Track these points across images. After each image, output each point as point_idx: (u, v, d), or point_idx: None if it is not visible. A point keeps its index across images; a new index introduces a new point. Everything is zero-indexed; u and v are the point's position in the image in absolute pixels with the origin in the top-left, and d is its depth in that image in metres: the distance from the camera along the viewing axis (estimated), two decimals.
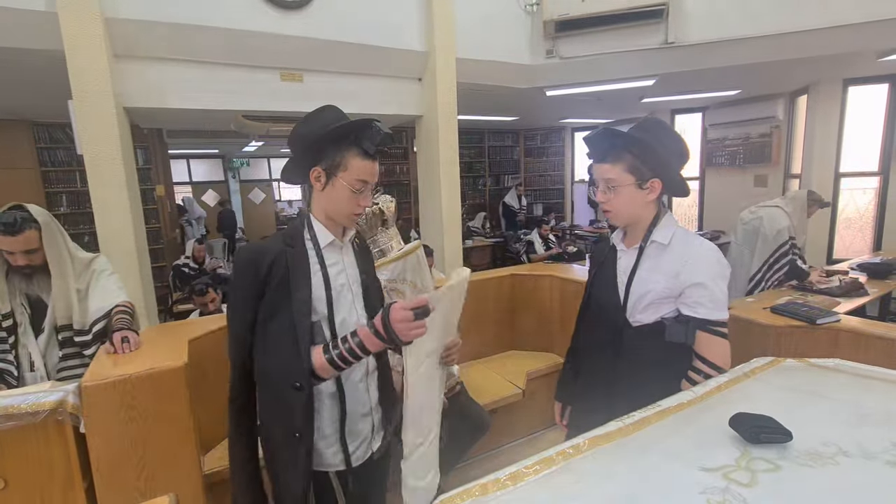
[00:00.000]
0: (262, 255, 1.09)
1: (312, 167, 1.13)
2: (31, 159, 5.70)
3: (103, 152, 2.74)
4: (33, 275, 1.65)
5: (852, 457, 0.80)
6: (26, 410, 1.21)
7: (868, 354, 1.81)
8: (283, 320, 1.08)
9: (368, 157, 1.11)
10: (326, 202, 1.15)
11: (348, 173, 1.11)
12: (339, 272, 1.17)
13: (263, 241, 1.21)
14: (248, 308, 1.09)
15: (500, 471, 0.77)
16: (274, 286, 1.08)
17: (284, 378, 1.07)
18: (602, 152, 1.26)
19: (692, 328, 1.23)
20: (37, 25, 2.63)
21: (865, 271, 3.56)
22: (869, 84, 5.14)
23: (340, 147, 1.10)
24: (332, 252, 1.18)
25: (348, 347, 1.06)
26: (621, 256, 1.33)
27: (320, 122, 1.12)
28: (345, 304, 1.17)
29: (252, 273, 1.08)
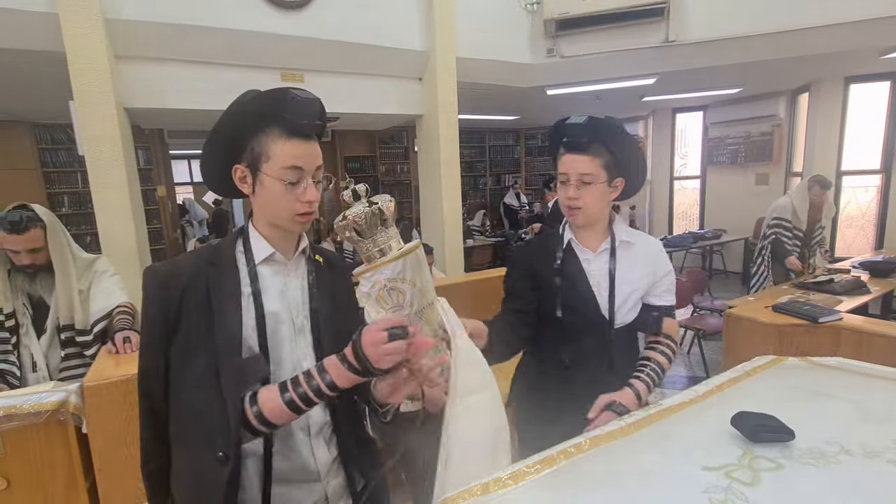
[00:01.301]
0: (171, 278, 0.84)
1: (231, 167, 0.89)
2: (33, 160, 5.71)
3: (104, 153, 2.74)
4: (37, 275, 1.65)
5: (855, 455, 0.80)
6: (28, 411, 1.22)
7: (870, 352, 1.81)
8: (202, 364, 0.81)
9: (295, 135, 0.85)
10: (260, 207, 0.90)
11: (273, 163, 0.85)
12: (274, 297, 0.90)
13: (179, 256, 0.95)
14: (156, 347, 0.83)
15: (501, 470, 0.77)
16: (190, 319, 0.83)
17: (204, 444, 0.80)
18: (584, 143, 1.16)
19: (660, 317, 1.26)
20: (38, 26, 2.63)
21: (867, 269, 3.56)
22: (870, 82, 5.13)
23: (258, 132, 0.85)
24: (271, 271, 0.92)
25: (315, 385, 0.80)
26: (588, 261, 1.25)
27: (234, 108, 0.88)
28: (283, 342, 0.90)
29: (160, 301, 0.83)
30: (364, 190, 1.54)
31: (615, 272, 1.22)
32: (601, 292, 1.23)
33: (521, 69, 4.37)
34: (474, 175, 9.22)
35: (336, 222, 1.51)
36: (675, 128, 7.52)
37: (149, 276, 0.86)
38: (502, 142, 9.34)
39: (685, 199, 7.70)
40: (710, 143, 6.94)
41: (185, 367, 0.83)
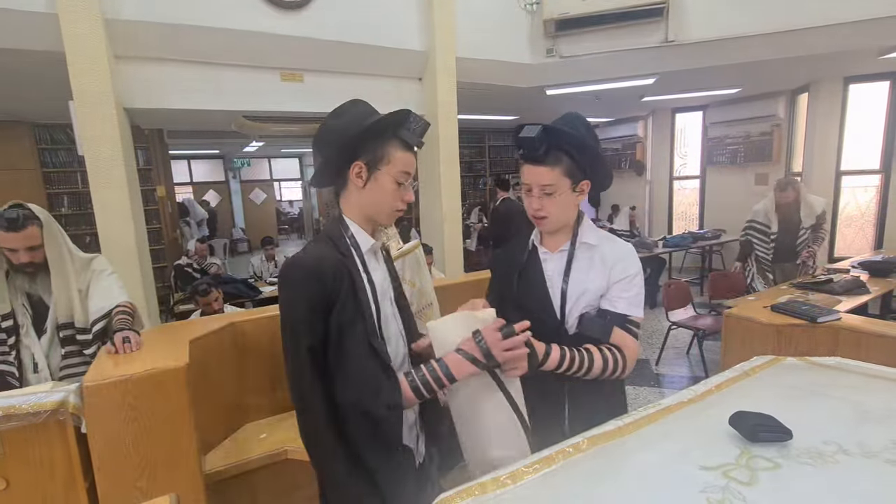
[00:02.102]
0: (321, 266, 0.98)
1: (352, 163, 1.04)
2: (33, 160, 5.72)
3: (104, 153, 2.74)
4: (36, 274, 1.65)
5: (852, 455, 0.80)
6: (27, 411, 1.22)
7: (869, 352, 1.81)
8: (357, 338, 0.99)
9: (409, 148, 1.06)
10: (368, 199, 1.06)
11: (392, 166, 1.04)
12: (380, 280, 1.09)
13: (311, 250, 1.06)
14: (317, 328, 0.97)
15: (499, 469, 0.77)
16: (341, 301, 0.98)
17: (378, 401, 0.97)
18: (541, 154, 1.13)
19: (609, 323, 1.16)
20: (37, 26, 2.63)
21: (867, 269, 3.56)
22: (870, 82, 5.14)
23: (381, 140, 1.04)
24: (371, 257, 1.10)
25: (434, 374, 0.99)
26: (547, 261, 1.24)
27: (354, 115, 1.06)
28: (387, 312, 1.09)
29: (318, 287, 0.96)
30: None
31: (569, 272, 1.19)
32: (555, 292, 1.20)
33: (521, 69, 4.37)
34: (474, 175, 9.23)
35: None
36: (675, 128, 7.52)
37: (302, 267, 0.99)
38: (502, 142, 9.35)
39: (685, 199, 7.70)
40: (710, 143, 6.95)
41: (344, 340, 0.98)
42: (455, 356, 1.00)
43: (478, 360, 0.98)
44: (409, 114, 1.06)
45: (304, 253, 1.05)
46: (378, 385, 0.98)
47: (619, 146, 8.32)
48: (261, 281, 5.09)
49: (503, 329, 0.99)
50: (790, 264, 3.62)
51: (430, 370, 1.00)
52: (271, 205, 13.81)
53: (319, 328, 0.97)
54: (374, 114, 1.07)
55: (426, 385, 1.00)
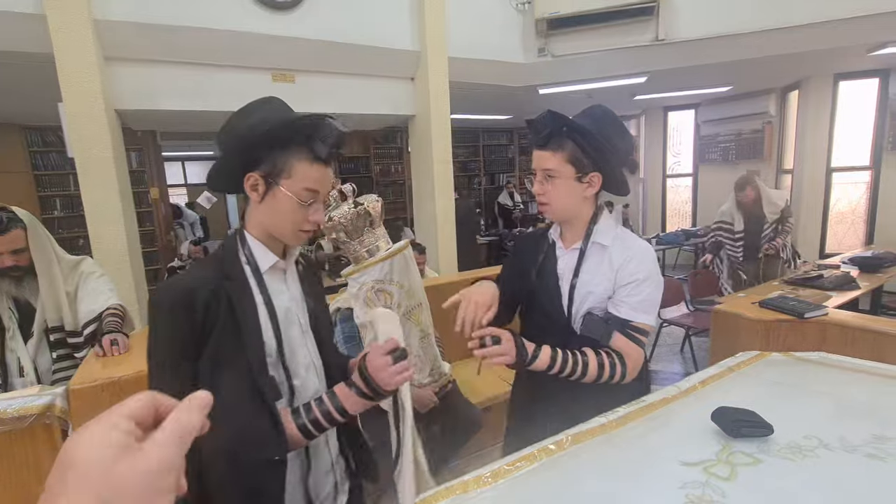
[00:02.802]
0: (194, 294, 0.84)
1: (247, 173, 0.90)
2: (24, 163, 5.67)
3: (95, 155, 2.73)
4: (23, 278, 1.64)
5: (833, 450, 0.80)
6: (13, 415, 1.21)
7: (855, 347, 1.82)
8: (237, 377, 0.84)
9: (320, 161, 0.90)
10: (266, 216, 0.92)
11: (294, 181, 0.89)
12: (285, 302, 0.96)
13: (187, 273, 0.94)
14: (184, 368, 0.83)
15: (482, 468, 0.78)
16: (217, 335, 0.84)
17: (257, 453, 0.85)
18: (544, 138, 1.14)
19: (611, 327, 1.13)
20: (24, 28, 2.61)
21: (857, 265, 3.58)
22: (859, 79, 5.17)
23: (285, 149, 0.89)
24: (275, 277, 0.96)
25: (325, 410, 0.87)
26: (560, 257, 1.23)
27: (258, 117, 0.91)
28: (295, 341, 0.96)
29: (185, 319, 0.83)
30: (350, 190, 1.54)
31: (578, 272, 1.18)
32: (565, 290, 1.19)
33: (513, 69, 4.37)
34: (469, 175, 9.23)
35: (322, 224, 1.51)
36: (668, 126, 7.55)
37: (168, 294, 0.86)
38: (496, 141, 9.36)
39: (678, 197, 7.73)
40: (702, 140, 6.98)
41: (220, 380, 0.84)
42: (343, 388, 0.90)
43: (365, 394, 0.88)
44: (321, 120, 0.90)
45: (179, 278, 0.92)
46: (259, 433, 0.84)
47: None
48: None
49: (394, 353, 0.89)
50: (770, 260, 3.71)
51: (321, 407, 0.88)
52: None
53: (187, 367, 0.84)
54: (286, 115, 0.93)
55: (315, 423, 0.87)
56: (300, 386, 0.95)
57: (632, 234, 1.23)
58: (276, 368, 0.91)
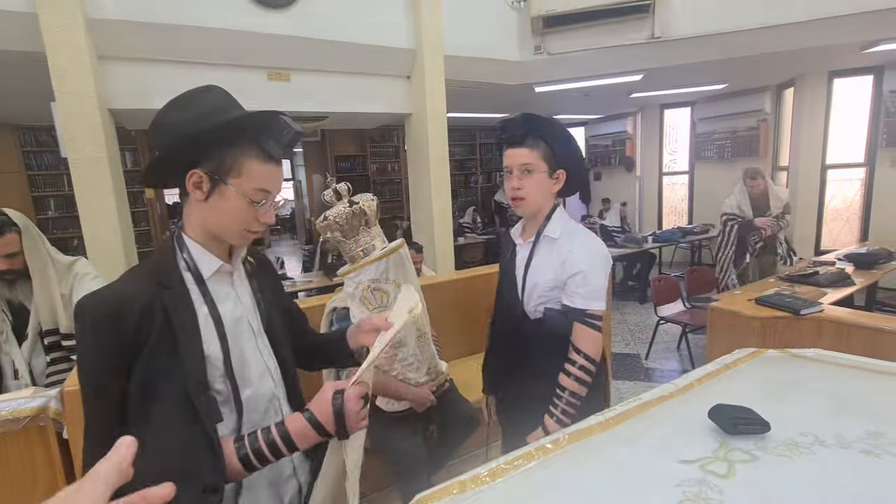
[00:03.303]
0: (123, 308, 0.76)
1: (190, 169, 0.82)
2: (17, 163, 5.64)
3: (88, 155, 2.71)
4: (16, 281, 1.63)
5: (829, 446, 0.81)
6: (7, 417, 1.20)
7: (850, 344, 1.83)
8: (170, 398, 0.77)
9: (272, 160, 0.85)
10: (211, 216, 0.85)
11: (244, 180, 0.83)
12: (232, 308, 0.89)
13: (116, 283, 0.84)
14: (111, 387, 0.76)
15: (479, 467, 0.78)
16: (149, 352, 0.76)
17: (188, 484, 0.72)
18: (520, 136, 1.25)
19: (570, 318, 1.24)
20: (16, 26, 2.59)
21: (852, 262, 3.60)
22: (854, 76, 5.20)
23: (234, 145, 0.82)
24: (220, 283, 0.89)
25: (270, 440, 0.79)
26: (518, 251, 1.36)
27: (201, 109, 0.83)
28: (246, 348, 0.89)
29: (112, 335, 0.75)
30: (346, 189, 1.54)
31: (529, 263, 1.29)
32: (518, 282, 1.31)
33: (509, 67, 4.37)
34: (465, 173, 9.24)
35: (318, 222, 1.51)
36: (664, 124, 7.57)
37: (93, 305, 0.77)
38: (492, 139, 9.36)
39: (674, 195, 7.75)
40: (698, 138, 7.00)
41: (150, 402, 0.77)
42: (298, 421, 0.81)
43: (326, 432, 0.81)
44: (274, 117, 0.85)
45: (107, 288, 0.82)
46: (192, 460, 0.76)
47: (609, 143, 8.36)
48: None
49: (365, 397, 0.84)
50: (766, 256, 3.75)
51: (267, 437, 0.80)
52: None
53: (115, 389, 0.76)
54: (231, 108, 0.85)
55: (259, 455, 0.79)
56: (251, 395, 0.89)
57: (582, 229, 1.33)
58: (221, 382, 0.84)
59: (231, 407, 0.85)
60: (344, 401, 0.81)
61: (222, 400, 0.84)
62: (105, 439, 0.74)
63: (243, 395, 0.87)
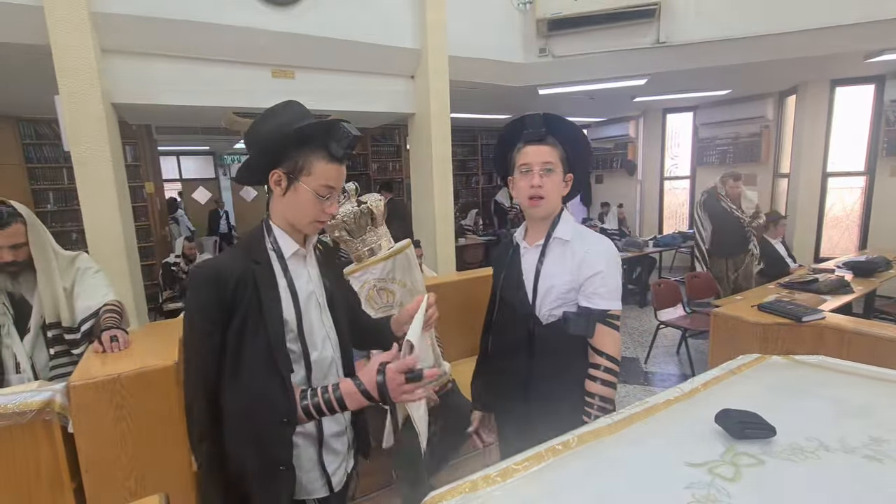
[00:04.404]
0: (224, 274, 0.97)
1: (272, 170, 1.02)
2: (17, 155, 5.61)
3: (91, 149, 2.70)
4: (18, 273, 1.62)
5: (833, 451, 0.82)
6: (13, 410, 1.20)
7: (851, 350, 1.84)
8: (258, 349, 0.97)
9: (335, 160, 1.02)
10: (287, 208, 1.04)
11: (313, 178, 1.01)
12: (305, 285, 1.08)
13: (221, 256, 1.08)
14: (214, 335, 0.96)
15: (490, 467, 0.78)
16: (242, 310, 0.97)
17: (269, 414, 0.97)
18: (542, 134, 1.24)
19: (592, 321, 1.22)
20: (21, 19, 2.58)
21: (851, 269, 3.62)
22: (856, 85, 5.22)
23: (304, 149, 1.01)
24: (297, 262, 1.09)
25: (327, 399, 0.98)
26: (525, 254, 1.32)
27: (281, 119, 1.02)
28: (313, 318, 1.08)
29: (215, 295, 0.96)
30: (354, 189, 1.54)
31: (540, 266, 1.26)
32: (529, 286, 1.27)
33: (513, 69, 4.38)
34: (467, 174, 9.24)
35: None
36: (666, 128, 7.59)
37: (201, 273, 0.98)
38: (494, 141, 9.36)
39: (675, 199, 7.77)
40: (700, 143, 7.02)
41: (242, 350, 0.97)
42: (350, 387, 0.98)
43: (372, 398, 0.97)
44: (336, 125, 1.01)
45: (212, 260, 1.06)
46: (272, 397, 0.97)
47: (611, 146, 8.37)
48: None
49: (410, 374, 0.96)
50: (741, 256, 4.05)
51: (325, 395, 0.98)
52: (262, 202, 13.70)
53: (216, 336, 0.96)
54: (305, 119, 1.03)
55: (317, 408, 0.98)
56: (318, 357, 1.07)
57: (589, 230, 1.32)
58: (294, 343, 1.03)
59: (302, 364, 1.04)
60: (386, 373, 0.95)
61: (295, 358, 1.03)
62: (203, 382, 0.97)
63: (312, 356, 1.05)
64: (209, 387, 0.98)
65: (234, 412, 0.99)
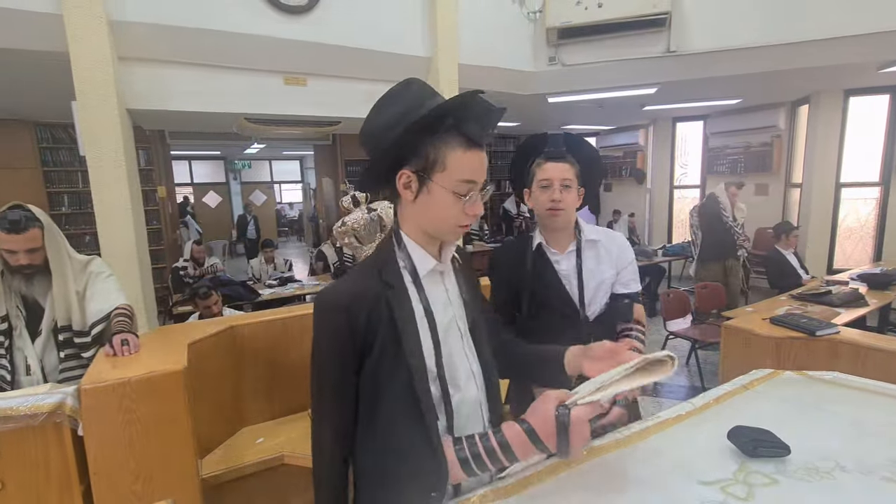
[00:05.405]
0: (355, 303, 0.79)
1: (398, 171, 0.83)
2: (33, 159, 5.71)
3: (106, 154, 2.74)
4: (33, 276, 1.64)
5: (850, 472, 0.80)
6: (25, 412, 1.21)
7: (866, 367, 1.81)
8: (395, 395, 0.79)
9: (474, 145, 0.81)
10: (420, 214, 0.84)
11: (448, 173, 0.80)
12: (443, 308, 0.88)
13: (349, 278, 0.88)
14: (346, 374, 0.80)
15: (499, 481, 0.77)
16: (378, 348, 0.79)
17: (413, 483, 0.77)
18: (563, 153, 1.36)
19: (630, 303, 1.38)
20: (41, 27, 2.64)
21: (865, 282, 3.57)
22: (870, 95, 5.16)
23: (435, 137, 0.80)
24: (433, 281, 0.88)
25: (490, 448, 0.75)
26: (558, 262, 1.39)
27: (399, 107, 0.82)
28: (453, 349, 0.87)
29: (345, 329, 0.78)
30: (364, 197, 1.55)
31: (582, 269, 1.37)
32: (571, 289, 1.36)
33: (523, 77, 4.38)
34: None
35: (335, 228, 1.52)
36: (676, 137, 7.55)
37: (327, 304, 0.82)
38: (503, 148, 9.38)
39: (685, 208, 7.71)
40: (710, 152, 6.97)
41: (379, 396, 0.80)
42: (519, 434, 0.74)
43: (543, 445, 0.73)
44: (471, 98, 0.79)
45: (338, 284, 0.86)
46: (417, 460, 0.77)
47: (620, 154, 8.34)
48: (259, 283, 5.08)
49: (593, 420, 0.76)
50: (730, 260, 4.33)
51: (485, 443, 0.76)
52: (271, 207, 13.82)
53: (349, 380, 0.81)
54: (427, 100, 0.82)
55: (477, 460, 0.76)
56: (460, 400, 0.86)
57: (601, 227, 1.48)
58: (433, 383, 0.83)
59: (441, 409, 0.84)
60: (571, 419, 0.72)
61: (434, 402, 0.83)
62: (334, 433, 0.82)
63: (453, 399, 0.85)
64: (342, 431, 0.83)
65: (368, 474, 0.82)
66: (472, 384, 0.89)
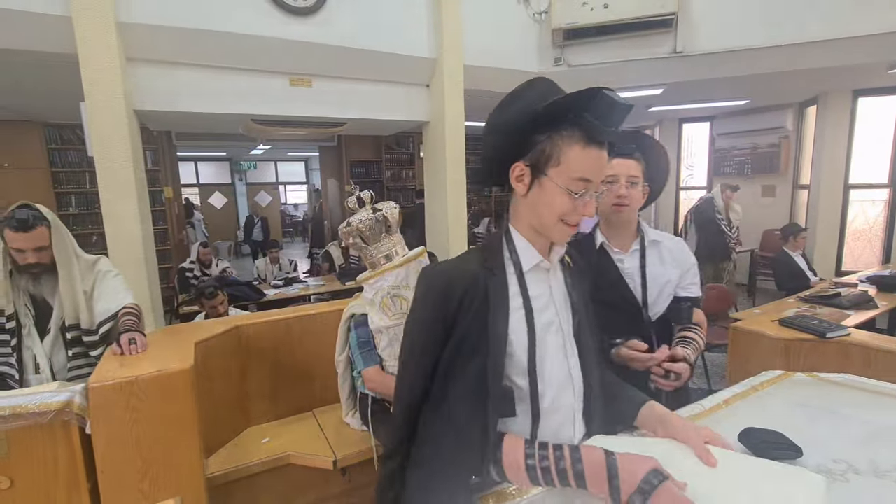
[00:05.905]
0: (454, 280, 0.81)
1: (513, 163, 0.82)
2: (42, 160, 5.77)
3: (114, 154, 2.77)
4: (40, 275, 1.65)
5: (863, 474, 0.79)
6: (34, 410, 1.22)
7: (876, 369, 1.79)
8: (467, 377, 0.78)
9: (594, 143, 0.78)
10: (530, 209, 0.84)
11: (563, 169, 0.78)
12: (544, 306, 0.86)
13: (455, 260, 0.90)
14: (430, 347, 0.82)
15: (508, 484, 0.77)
16: (464, 326, 0.79)
17: (457, 462, 0.78)
18: (631, 149, 1.34)
19: (691, 308, 1.36)
20: (51, 29, 2.66)
21: (875, 284, 3.53)
22: (879, 95, 5.11)
23: (554, 132, 0.78)
24: (537, 277, 0.87)
25: (562, 467, 0.72)
26: (621, 261, 1.38)
27: (522, 103, 0.80)
28: (551, 351, 0.85)
29: (440, 302, 0.80)
30: (369, 197, 1.55)
31: (646, 268, 1.34)
32: (635, 288, 1.34)
33: (529, 77, 4.37)
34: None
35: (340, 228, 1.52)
36: (682, 138, 7.51)
37: (428, 278, 0.86)
38: None
39: None
40: (717, 153, 6.93)
41: (454, 374, 0.80)
42: (598, 457, 0.71)
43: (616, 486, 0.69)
44: (597, 93, 0.76)
45: (444, 264, 0.89)
46: (465, 443, 0.77)
47: None
48: (265, 283, 5.09)
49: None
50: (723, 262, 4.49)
51: (558, 457, 0.73)
52: (276, 207, 13.87)
53: (434, 350, 0.82)
54: (551, 96, 0.79)
55: (545, 473, 0.73)
56: (551, 403, 0.84)
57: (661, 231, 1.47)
58: (522, 377, 0.82)
59: (527, 409, 0.82)
60: (659, 490, 0.66)
61: (520, 396, 0.82)
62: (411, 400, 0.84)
63: (542, 400, 0.83)
64: (412, 405, 0.84)
65: (425, 444, 0.82)
66: (569, 389, 0.87)
